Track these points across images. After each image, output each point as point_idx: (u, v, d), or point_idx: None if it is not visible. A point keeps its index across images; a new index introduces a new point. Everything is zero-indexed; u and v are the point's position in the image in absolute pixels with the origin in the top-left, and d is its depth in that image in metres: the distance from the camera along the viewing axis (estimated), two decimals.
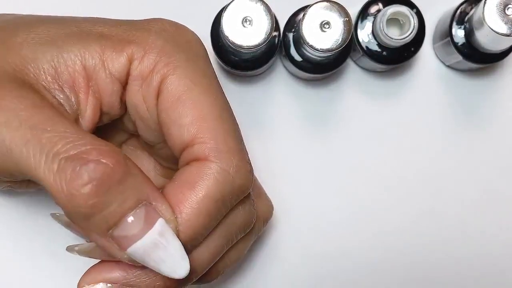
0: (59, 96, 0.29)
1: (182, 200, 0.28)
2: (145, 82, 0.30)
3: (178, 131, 0.29)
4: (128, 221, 0.26)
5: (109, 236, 0.27)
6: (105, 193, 0.26)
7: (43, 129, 0.26)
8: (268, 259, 0.41)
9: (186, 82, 0.29)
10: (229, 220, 0.30)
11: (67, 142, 0.26)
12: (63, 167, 0.26)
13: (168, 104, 0.29)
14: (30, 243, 0.40)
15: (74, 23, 0.30)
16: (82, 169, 0.25)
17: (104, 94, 0.30)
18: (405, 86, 0.42)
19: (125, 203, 0.26)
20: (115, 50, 0.29)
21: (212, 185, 0.28)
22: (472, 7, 0.39)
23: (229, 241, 0.31)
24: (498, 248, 0.42)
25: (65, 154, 0.26)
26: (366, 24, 0.39)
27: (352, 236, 0.41)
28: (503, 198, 0.42)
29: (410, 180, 0.41)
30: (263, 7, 0.34)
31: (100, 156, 0.26)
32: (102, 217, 0.26)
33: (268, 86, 0.41)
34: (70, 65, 0.29)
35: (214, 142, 0.29)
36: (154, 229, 0.27)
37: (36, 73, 0.29)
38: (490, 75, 0.42)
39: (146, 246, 0.27)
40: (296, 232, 0.41)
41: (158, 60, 0.29)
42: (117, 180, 0.26)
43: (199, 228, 0.28)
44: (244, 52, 0.35)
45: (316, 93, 0.41)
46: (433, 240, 0.41)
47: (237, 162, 0.29)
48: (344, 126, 0.41)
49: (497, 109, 0.42)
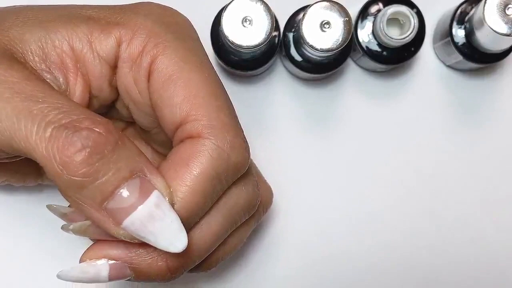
0: (47, 76, 0.29)
1: (176, 178, 0.28)
2: (135, 64, 0.29)
3: (170, 111, 0.29)
4: (123, 192, 0.26)
5: (103, 209, 0.26)
6: (99, 161, 0.25)
7: (35, 100, 0.26)
8: (266, 256, 0.41)
9: (176, 61, 0.29)
10: (231, 201, 0.30)
11: (59, 112, 0.26)
12: (55, 135, 0.25)
13: (159, 84, 0.29)
14: (28, 240, 0.40)
15: (64, 8, 0.30)
16: (75, 136, 0.25)
17: (92, 76, 0.30)
18: (405, 86, 0.42)
19: (119, 173, 0.26)
20: (103, 32, 0.29)
21: (206, 162, 0.28)
22: (472, 7, 0.39)
23: (233, 223, 0.30)
24: (498, 248, 0.42)
25: (57, 123, 0.25)
26: (366, 24, 0.39)
27: (351, 235, 0.41)
28: (503, 198, 0.42)
29: (410, 180, 0.41)
30: (263, 7, 0.34)
31: (93, 125, 0.26)
32: (96, 187, 0.26)
33: (268, 86, 0.41)
34: (57, 45, 0.29)
35: (207, 118, 0.28)
36: (149, 200, 0.26)
37: (23, 53, 0.29)
38: (490, 75, 0.42)
39: (142, 218, 0.26)
40: (296, 232, 0.41)
41: (147, 41, 0.29)
42: (110, 149, 0.26)
43: (194, 206, 0.28)
44: (244, 52, 0.35)
45: (316, 93, 0.41)
46: (432, 239, 0.41)
47: (231, 138, 0.28)
48: (344, 126, 0.41)
49: (497, 109, 0.42)
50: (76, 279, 0.29)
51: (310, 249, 0.41)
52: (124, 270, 0.28)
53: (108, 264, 0.28)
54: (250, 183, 0.31)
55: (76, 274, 0.28)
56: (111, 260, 0.28)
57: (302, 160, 0.41)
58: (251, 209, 0.31)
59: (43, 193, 0.40)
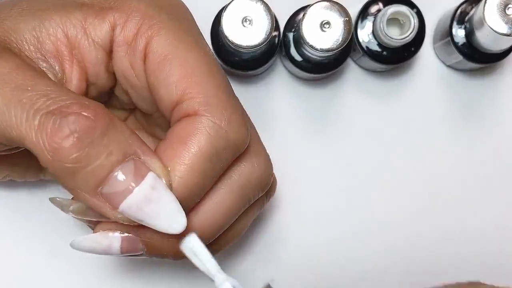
0: (43, 65, 0.29)
1: (174, 157, 0.27)
2: (130, 47, 0.29)
3: (166, 91, 0.28)
4: (117, 176, 0.26)
5: (99, 194, 0.26)
6: (89, 145, 0.25)
7: (24, 89, 0.26)
8: (264, 254, 0.41)
9: (171, 41, 0.29)
10: (243, 178, 0.30)
11: (47, 98, 0.26)
12: (43, 122, 0.25)
13: (155, 65, 0.29)
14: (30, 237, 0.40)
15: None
16: (63, 121, 0.25)
17: (88, 63, 0.29)
18: (405, 86, 0.42)
19: (111, 157, 0.26)
20: (97, 18, 0.29)
21: (204, 139, 0.27)
22: (472, 7, 0.39)
23: (246, 201, 0.30)
24: (498, 248, 0.42)
25: (45, 109, 0.25)
26: (366, 24, 0.39)
27: (351, 235, 0.41)
28: (503, 198, 0.42)
29: (410, 180, 0.41)
30: (263, 7, 0.34)
31: (81, 109, 0.25)
32: (88, 172, 0.25)
33: (268, 86, 0.41)
34: (52, 33, 0.29)
35: (203, 96, 0.28)
36: (144, 182, 0.26)
37: (18, 43, 0.28)
38: (490, 75, 0.42)
39: (138, 201, 0.26)
40: (295, 232, 0.41)
41: (141, 23, 0.29)
42: (100, 133, 0.25)
43: (194, 185, 0.27)
44: (244, 52, 0.35)
45: (316, 93, 0.41)
46: (432, 239, 0.41)
47: (229, 115, 0.28)
48: (344, 125, 0.41)
49: (497, 109, 0.42)
50: (89, 249, 0.29)
51: (310, 248, 0.41)
52: (136, 244, 0.28)
53: (120, 236, 0.28)
54: (262, 159, 0.31)
55: (88, 244, 0.28)
56: (125, 233, 0.28)
57: (302, 159, 0.41)
58: (264, 186, 0.31)
59: (45, 191, 0.40)
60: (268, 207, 0.40)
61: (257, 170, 0.30)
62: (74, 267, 0.40)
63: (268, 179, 0.31)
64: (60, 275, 0.40)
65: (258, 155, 0.30)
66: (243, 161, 0.30)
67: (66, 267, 0.40)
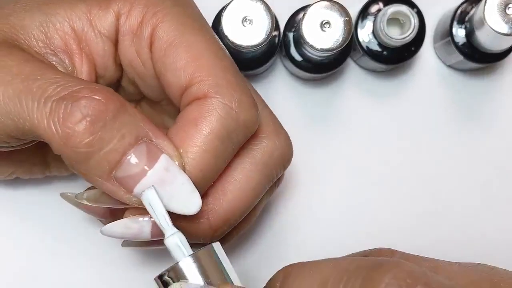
0: (53, 59, 0.29)
1: (186, 139, 0.27)
2: (135, 35, 0.29)
3: (174, 76, 0.28)
4: (130, 159, 0.26)
5: (113, 178, 0.26)
6: (101, 129, 0.25)
7: (33, 79, 0.26)
8: (265, 257, 0.41)
9: (177, 27, 0.29)
10: (266, 155, 0.30)
11: (57, 85, 0.26)
12: (55, 108, 0.25)
13: (162, 52, 0.29)
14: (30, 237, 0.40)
15: None
16: (74, 106, 0.25)
17: (96, 55, 0.30)
18: (405, 86, 0.42)
19: (124, 140, 0.26)
20: (101, 9, 0.29)
21: (215, 121, 0.27)
22: (472, 6, 0.39)
23: (270, 178, 0.30)
24: (499, 248, 0.42)
25: (55, 96, 0.25)
26: (366, 23, 0.39)
27: (351, 235, 0.41)
28: (503, 198, 0.42)
29: (410, 180, 0.41)
30: (263, 7, 0.34)
31: (91, 93, 0.25)
32: (102, 156, 0.25)
33: (268, 86, 0.41)
34: (59, 28, 0.29)
35: (212, 78, 0.28)
36: (158, 164, 0.26)
37: (27, 39, 0.29)
38: (490, 75, 0.42)
39: (152, 183, 0.26)
40: (295, 232, 0.41)
41: (145, 11, 0.29)
42: (112, 116, 0.25)
43: (207, 167, 0.27)
44: (244, 52, 0.35)
45: (316, 93, 0.41)
46: (432, 239, 0.41)
47: (239, 96, 0.28)
48: (344, 126, 0.41)
49: (497, 109, 0.42)
50: (120, 234, 0.28)
51: (310, 248, 0.41)
52: None
53: (150, 220, 0.28)
54: (282, 136, 0.31)
55: (119, 229, 0.28)
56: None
57: (302, 159, 0.41)
58: (286, 162, 0.31)
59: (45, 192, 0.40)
60: (267, 207, 0.40)
61: (278, 147, 0.30)
62: (74, 267, 0.40)
63: (289, 155, 0.31)
64: (60, 275, 0.40)
65: (278, 133, 0.31)
66: (265, 139, 0.30)
67: (66, 267, 0.40)
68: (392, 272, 0.24)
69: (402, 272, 0.24)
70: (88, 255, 0.39)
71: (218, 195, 0.29)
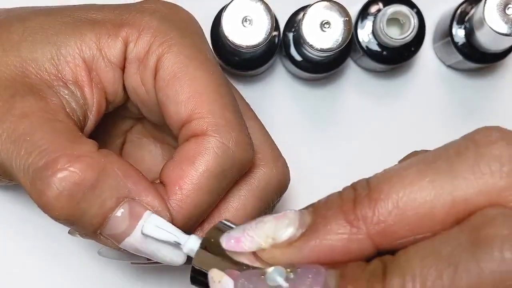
0: (64, 92, 0.29)
1: (182, 176, 0.28)
2: (142, 64, 0.30)
3: (175, 109, 0.29)
4: (113, 220, 0.26)
5: (100, 235, 0.27)
6: (80, 200, 0.26)
7: (24, 140, 0.26)
8: None
9: (181, 59, 0.29)
10: (263, 183, 0.30)
11: (39, 151, 0.26)
12: (33, 180, 0.26)
13: (165, 82, 0.29)
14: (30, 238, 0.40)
15: (67, 12, 0.30)
16: (51, 181, 0.25)
17: (107, 83, 0.30)
18: (405, 86, 0.42)
19: (105, 205, 0.26)
20: (110, 36, 0.29)
21: (211, 159, 0.28)
22: (472, 6, 0.39)
23: (267, 205, 0.31)
24: None
25: (35, 165, 0.26)
26: (366, 23, 0.39)
27: None
28: None
29: None
30: (263, 7, 0.34)
31: (68, 163, 0.26)
32: (84, 221, 0.26)
33: (268, 86, 0.41)
34: (70, 60, 0.29)
35: (212, 116, 0.28)
36: (141, 222, 0.27)
37: (38, 73, 0.29)
38: (490, 75, 0.42)
39: (137, 241, 0.27)
40: None
41: (153, 40, 0.29)
42: (90, 185, 0.26)
43: (201, 204, 0.28)
44: (244, 52, 0.35)
45: (316, 93, 0.41)
46: None
47: (236, 135, 0.29)
48: (344, 125, 0.41)
49: (497, 109, 0.42)
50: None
51: None
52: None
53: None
54: (279, 163, 0.31)
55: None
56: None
57: (302, 159, 0.41)
58: (283, 189, 0.32)
59: None
60: None
61: (276, 175, 0.31)
62: (74, 267, 0.40)
63: (286, 182, 0.32)
64: (60, 275, 0.40)
65: (276, 161, 0.31)
66: (263, 167, 0.31)
67: (66, 267, 0.40)
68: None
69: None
70: (88, 255, 0.39)
71: (215, 222, 0.29)
